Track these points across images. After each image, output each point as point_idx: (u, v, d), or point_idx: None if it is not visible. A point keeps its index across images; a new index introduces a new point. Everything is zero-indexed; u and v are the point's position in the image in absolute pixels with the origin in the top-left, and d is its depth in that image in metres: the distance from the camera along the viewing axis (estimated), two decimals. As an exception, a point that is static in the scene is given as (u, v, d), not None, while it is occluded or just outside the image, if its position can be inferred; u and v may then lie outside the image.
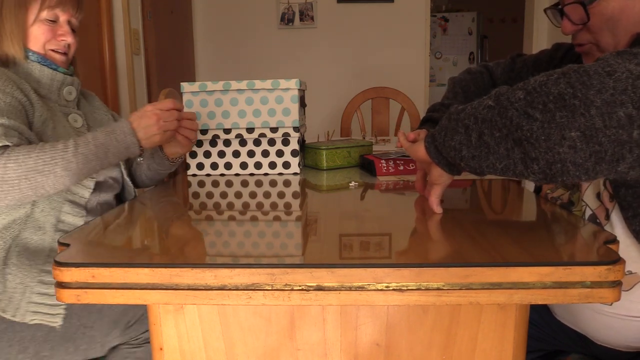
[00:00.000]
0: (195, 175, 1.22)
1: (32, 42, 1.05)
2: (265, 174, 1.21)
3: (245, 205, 0.87)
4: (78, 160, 0.88)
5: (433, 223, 0.74)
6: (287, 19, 3.55)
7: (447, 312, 0.64)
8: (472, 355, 0.65)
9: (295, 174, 1.21)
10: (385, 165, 1.16)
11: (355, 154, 1.31)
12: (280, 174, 1.21)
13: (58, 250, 0.63)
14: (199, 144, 1.22)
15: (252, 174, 1.22)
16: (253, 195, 0.96)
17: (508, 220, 0.75)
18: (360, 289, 0.55)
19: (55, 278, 0.57)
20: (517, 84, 0.62)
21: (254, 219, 0.77)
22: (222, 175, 1.21)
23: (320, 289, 0.55)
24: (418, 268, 0.54)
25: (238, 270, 0.55)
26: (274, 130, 1.20)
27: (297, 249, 0.62)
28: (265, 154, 1.22)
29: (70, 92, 1.11)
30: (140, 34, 2.59)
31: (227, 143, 1.22)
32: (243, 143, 1.22)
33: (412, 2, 3.55)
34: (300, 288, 0.55)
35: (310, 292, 0.55)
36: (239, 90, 1.19)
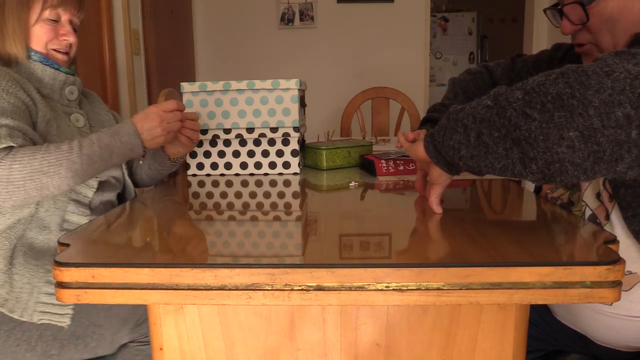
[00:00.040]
0: (195, 175, 1.22)
1: (34, 41, 1.05)
2: (265, 174, 1.21)
3: (245, 205, 0.87)
4: (83, 162, 0.88)
5: (433, 223, 0.74)
6: (287, 19, 3.55)
7: (447, 312, 0.64)
8: (472, 355, 0.65)
9: (295, 174, 1.21)
10: (385, 165, 1.16)
11: (355, 154, 1.31)
12: (280, 174, 1.21)
13: (58, 250, 0.63)
14: (199, 144, 1.21)
15: (252, 174, 1.22)
16: (253, 195, 0.96)
17: (508, 220, 0.75)
18: (360, 289, 0.55)
19: (55, 278, 0.57)
20: (515, 84, 0.62)
21: (254, 219, 0.77)
22: (222, 175, 1.21)
23: (320, 289, 0.55)
24: (418, 268, 0.54)
25: (238, 270, 0.55)
26: (274, 130, 1.20)
27: (297, 249, 0.62)
28: (265, 154, 1.22)
29: (72, 91, 1.11)
30: (140, 34, 2.59)
31: (227, 143, 1.22)
32: (243, 143, 1.22)
33: (412, 2, 3.55)
34: (300, 288, 0.55)
35: (310, 292, 0.55)
36: (239, 90, 1.19)
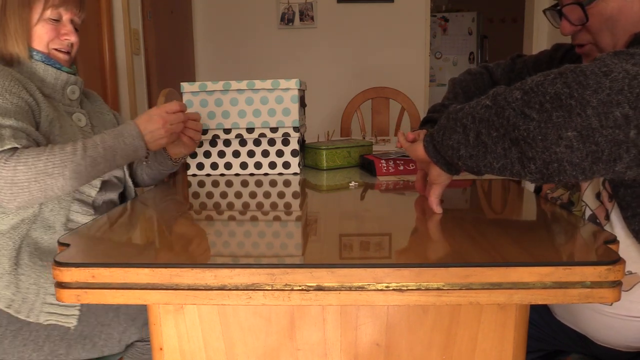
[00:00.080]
0: (195, 175, 1.22)
1: (35, 41, 1.05)
2: (265, 174, 1.21)
3: (245, 205, 0.87)
4: (87, 163, 0.89)
5: (433, 223, 0.74)
6: (287, 19, 3.55)
7: (447, 312, 0.64)
8: (472, 355, 0.65)
9: (295, 174, 1.21)
10: (385, 165, 1.16)
11: (355, 154, 1.31)
12: (280, 174, 1.21)
13: (58, 250, 0.63)
14: (200, 144, 1.21)
15: (252, 174, 1.22)
16: (253, 195, 0.96)
17: (508, 220, 0.75)
18: (360, 289, 0.55)
19: (55, 278, 0.57)
20: (514, 84, 0.62)
21: (254, 219, 0.77)
22: (222, 175, 1.21)
23: (320, 289, 0.55)
24: (418, 268, 0.54)
25: (238, 270, 0.55)
26: (274, 130, 1.20)
27: (297, 249, 0.62)
28: (265, 154, 1.22)
29: (74, 91, 1.11)
30: (140, 34, 2.59)
31: (227, 143, 1.22)
32: (243, 143, 1.22)
33: (412, 2, 3.55)
34: (300, 288, 0.55)
35: (310, 292, 0.55)
36: (239, 90, 1.19)
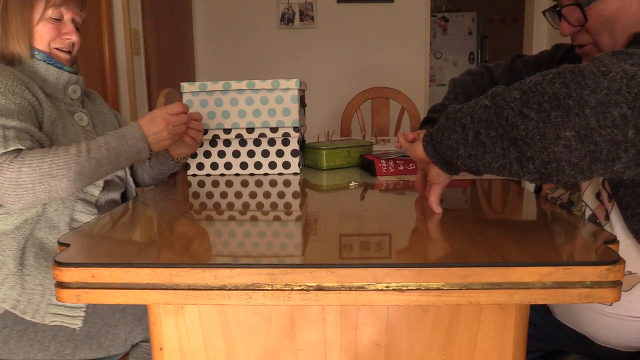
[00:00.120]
0: (195, 175, 1.22)
1: (37, 40, 1.04)
2: (265, 174, 1.21)
3: (245, 205, 0.87)
4: (91, 165, 0.89)
5: (433, 223, 0.74)
6: (287, 19, 3.55)
7: (447, 312, 0.64)
8: (472, 355, 0.65)
9: (295, 174, 1.21)
10: (385, 165, 1.16)
11: (355, 154, 1.31)
12: (280, 174, 1.21)
13: (58, 250, 0.63)
14: (200, 144, 1.21)
15: (252, 174, 1.22)
16: (253, 195, 0.96)
17: (508, 220, 0.75)
18: (360, 289, 0.55)
19: (55, 278, 0.57)
20: (513, 84, 0.62)
21: (254, 219, 0.77)
22: (222, 175, 1.21)
23: (320, 289, 0.55)
24: (418, 268, 0.54)
25: (238, 270, 0.55)
26: (274, 130, 1.20)
27: (297, 249, 0.62)
28: (265, 154, 1.22)
29: (75, 90, 1.11)
30: (140, 34, 2.59)
31: (227, 143, 1.22)
32: (243, 143, 1.22)
33: (412, 2, 3.55)
34: (300, 288, 0.55)
35: (310, 292, 0.55)
36: (239, 90, 1.19)
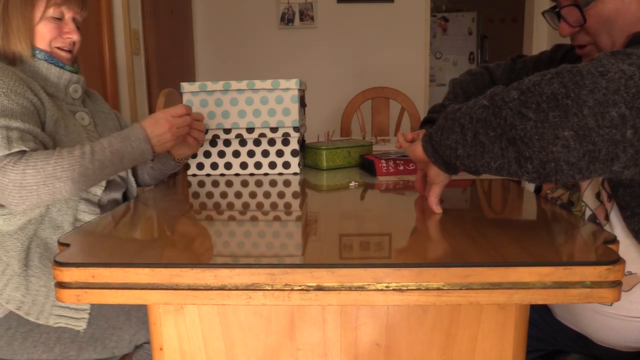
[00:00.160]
0: (195, 175, 1.22)
1: (38, 39, 1.04)
2: (265, 174, 1.21)
3: (245, 205, 0.87)
4: (95, 167, 0.89)
5: (433, 223, 0.74)
6: (287, 19, 3.55)
7: (447, 312, 0.64)
8: (472, 355, 0.65)
9: (295, 174, 1.21)
10: (385, 165, 1.16)
11: (355, 154, 1.31)
12: (280, 174, 1.21)
13: (58, 250, 0.63)
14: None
15: (252, 174, 1.22)
16: (253, 195, 0.96)
17: (508, 220, 0.75)
18: (360, 289, 0.55)
19: (55, 278, 0.57)
20: (512, 84, 0.62)
21: (254, 219, 0.77)
22: (222, 175, 1.21)
23: (320, 289, 0.55)
24: (418, 268, 0.54)
25: (238, 270, 0.55)
26: (274, 130, 1.20)
27: (297, 249, 0.62)
28: (265, 154, 1.22)
29: (76, 90, 1.11)
30: (140, 34, 2.59)
31: (227, 143, 1.22)
32: (243, 143, 1.22)
33: (412, 2, 3.55)
34: (300, 288, 0.55)
35: (310, 292, 0.55)
36: (239, 90, 1.19)
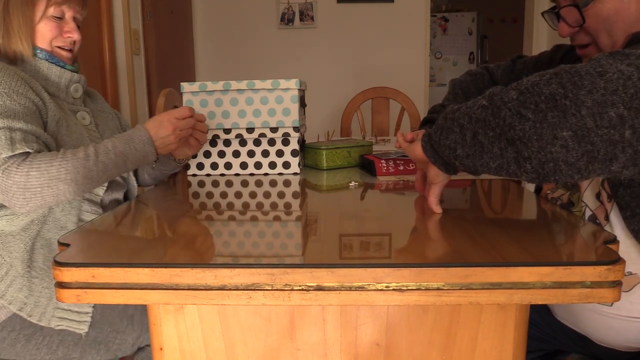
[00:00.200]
0: (195, 175, 1.22)
1: (39, 39, 1.04)
2: (265, 174, 1.21)
3: (245, 205, 0.87)
4: (99, 169, 0.89)
5: (433, 223, 0.74)
6: (287, 19, 3.55)
7: (447, 312, 0.64)
8: (472, 355, 0.65)
9: (295, 174, 1.21)
10: (385, 165, 1.16)
11: (355, 154, 1.31)
12: (280, 174, 1.21)
13: (58, 250, 0.63)
14: (200, 144, 1.22)
15: (252, 174, 1.22)
16: (253, 195, 0.96)
17: (508, 220, 0.75)
18: (360, 289, 0.55)
19: (55, 278, 0.57)
20: (511, 84, 0.62)
21: (254, 219, 0.77)
22: (222, 175, 1.21)
23: (320, 289, 0.55)
24: (418, 268, 0.54)
25: (238, 270, 0.55)
26: (274, 130, 1.20)
27: (297, 249, 0.62)
28: (265, 154, 1.22)
29: (77, 89, 1.11)
30: (140, 34, 2.59)
31: (227, 143, 1.22)
32: (243, 143, 1.22)
33: (412, 2, 3.55)
34: (300, 288, 0.55)
35: (310, 292, 0.55)
36: (239, 90, 1.19)
